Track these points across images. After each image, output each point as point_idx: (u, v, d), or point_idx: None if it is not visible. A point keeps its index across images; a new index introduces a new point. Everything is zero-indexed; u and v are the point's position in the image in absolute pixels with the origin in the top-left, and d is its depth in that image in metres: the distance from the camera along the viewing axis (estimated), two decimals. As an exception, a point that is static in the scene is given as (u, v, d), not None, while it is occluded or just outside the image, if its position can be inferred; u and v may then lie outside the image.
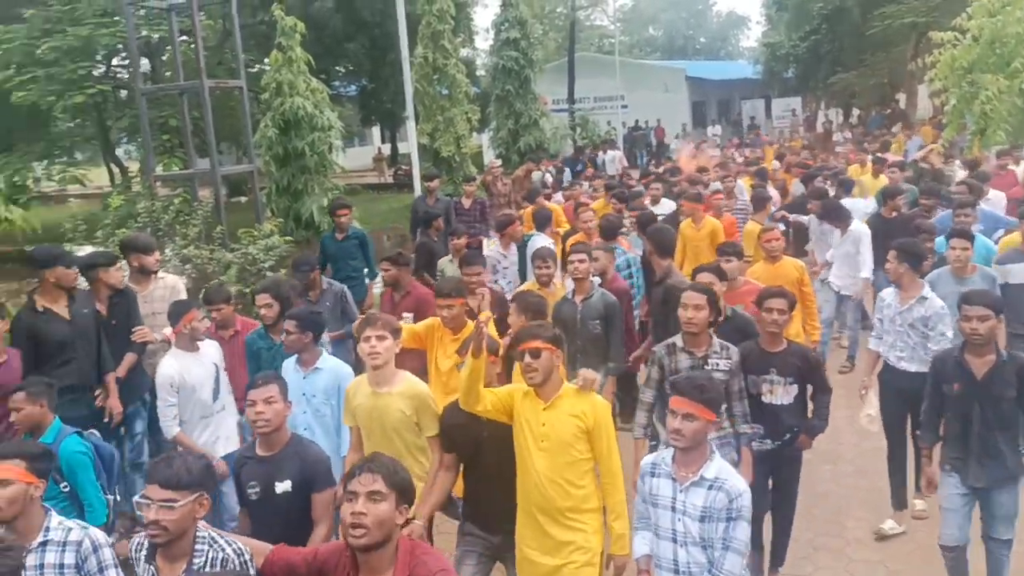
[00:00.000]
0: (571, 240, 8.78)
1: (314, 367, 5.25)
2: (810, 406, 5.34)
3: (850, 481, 7.00)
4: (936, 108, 23.15)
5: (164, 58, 25.32)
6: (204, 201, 11.23)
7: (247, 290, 8.60)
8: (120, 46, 22.31)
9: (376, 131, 44.28)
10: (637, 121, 35.72)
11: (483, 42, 38.46)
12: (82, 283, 6.26)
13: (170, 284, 6.76)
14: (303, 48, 13.37)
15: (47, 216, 14.24)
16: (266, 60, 14.03)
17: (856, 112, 36.09)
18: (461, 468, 4.54)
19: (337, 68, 31.19)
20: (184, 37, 20.90)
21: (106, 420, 6.01)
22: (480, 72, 32.15)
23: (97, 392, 6.02)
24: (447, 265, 8.51)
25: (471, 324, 5.54)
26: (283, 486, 4.00)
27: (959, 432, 4.78)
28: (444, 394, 5.28)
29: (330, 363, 5.32)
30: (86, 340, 5.93)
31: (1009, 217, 8.81)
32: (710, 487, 3.65)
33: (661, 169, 16.41)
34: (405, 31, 14.43)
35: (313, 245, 14.05)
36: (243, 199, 21.71)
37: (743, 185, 12.43)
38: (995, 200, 9.73)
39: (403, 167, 30.09)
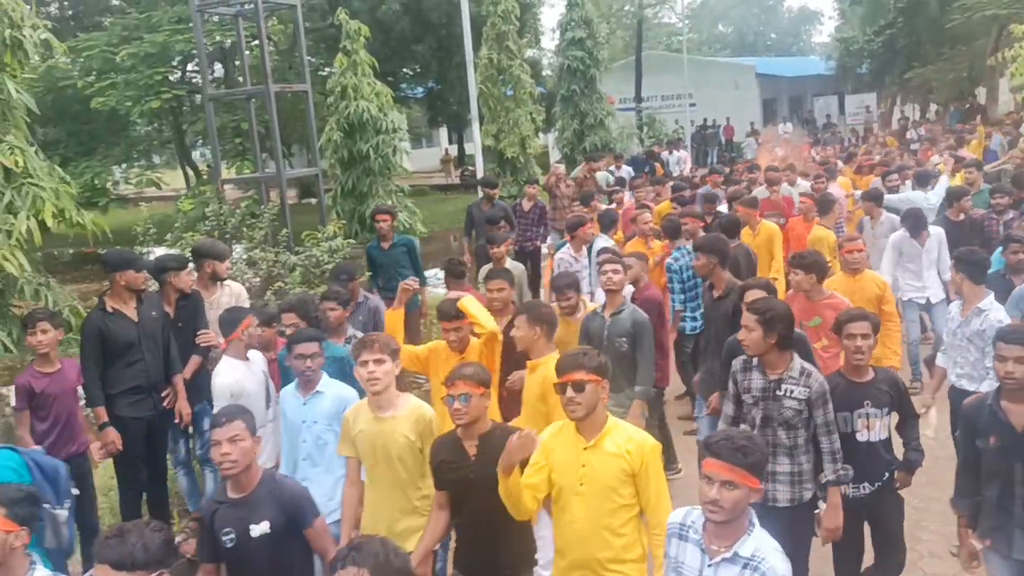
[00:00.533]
0: (628, 247, 8.48)
1: (315, 391, 4.91)
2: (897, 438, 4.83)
3: (924, 492, 6.76)
4: (1018, 104, 22.35)
5: (237, 63, 25.90)
6: (271, 204, 11.41)
7: (311, 292, 8.69)
8: (194, 52, 22.88)
9: (443, 132, 44.62)
10: (705, 120, 35.27)
11: (549, 42, 38.41)
12: (154, 286, 6.40)
13: (235, 291, 6.82)
14: (369, 51, 13.52)
15: (124, 218, 14.71)
16: (334, 63, 14.26)
17: (934, 108, 35.07)
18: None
19: (405, 70, 31.57)
20: (255, 42, 21.40)
21: (176, 421, 6.14)
22: (546, 72, 32.15)
23: (165, 393, 6.13)
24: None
25: (476, 343, 5.36)
26: (260, 528, 3.72)
27: (998, 496, 4.08)
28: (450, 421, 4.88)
29: (333, 387, 4.98)
30: (153, 342, 6.03)
31: None
32: (744, 566, 3.00)
33: (728, 169, 16.05)
34: (470, 32, 14.47)
35: (377, 248, 14.26)
36: (314, 201, 22.09)
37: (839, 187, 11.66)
38: None
39: (470, 168, 30.23)
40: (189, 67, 26.95)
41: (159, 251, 11.52)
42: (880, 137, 24.40)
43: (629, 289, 6.60)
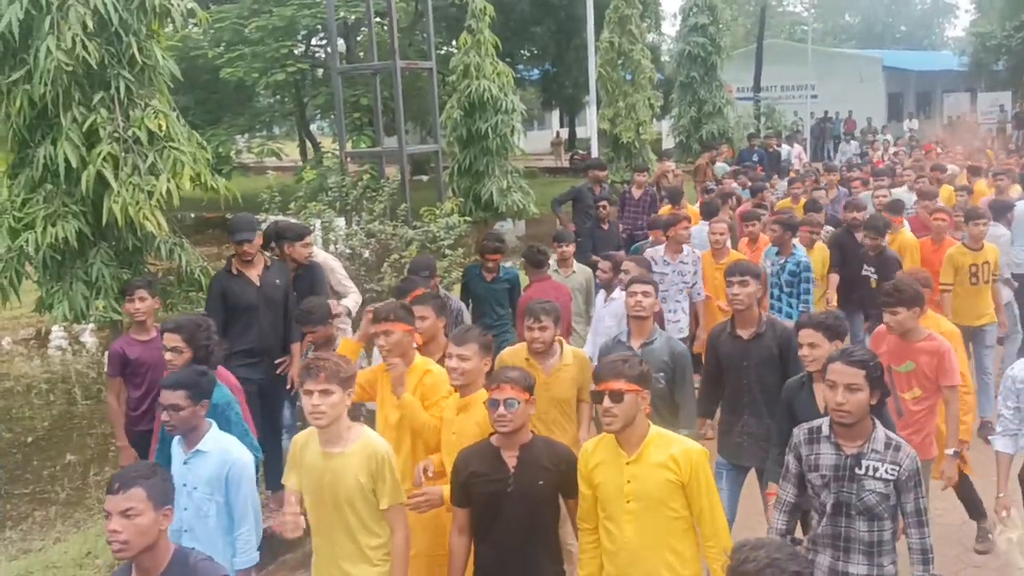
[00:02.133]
0: (729, 257, 7.58)
1: (196, 448, 3.98)
2: None
3: None
4: None
5: (359, 39, 26.40)
6: (391, 178, 11.60)
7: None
8: (319, 27, 23.41)
9: (555, 115, 44.53)
10: (826, 112, 34.19)
11: (670, 27, 37.84)
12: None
13: (320, 260, 6.84)
14: (491, 31, 13.57)
15: (246, 186, 15.22)
16: (454, 42, 14.37)
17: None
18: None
19: (522, 52, 31.61)
20: (378, 19, 21.74)
21: (288, 387, 6.24)
22: (665, 58, 31.69)
23: (280, 360, 6.25)
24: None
25: (417, 366, 4.54)
26: None
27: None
28: (399, 455, 4.27)
29: (218, 443, 4.01)
30: (272, 308, 6.14)
31: None
32: None
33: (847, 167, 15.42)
34: (592, 15, 14.39)
35: (491, 225, 14.36)
36: (424, 178, 22.39)
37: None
38: None
39: (580, 152, 30.12)
40: (313, 41, 27.56)
41: (283, 219, 11.96)
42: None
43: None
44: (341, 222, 10.71)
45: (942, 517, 5.71)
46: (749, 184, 11.82)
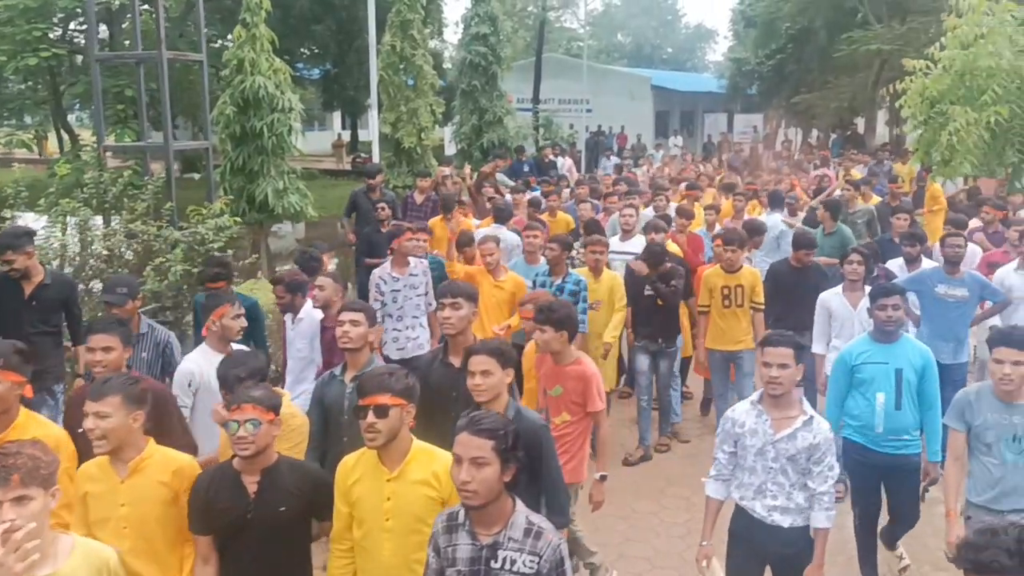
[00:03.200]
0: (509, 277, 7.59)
1: None
2: None
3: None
4: (893, 136, 23.47)
5: (124, 26, 24.72)
6: (155, 176, 10.89)
7: (194, 270, 8.32)
8: (79, 10, 21.69)
9: (337, 116, 43.80)
10: (600, 126, 35.76)
11: (452, 35, 38.23)
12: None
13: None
14: (268, 26, 13.09)
15: (-11, 179, 13.77)
16: (229, 36, 13.71)
17: (816, 134, 36.54)
18: None
19: (302, 50, 30.80)
20: (145, 6, 20.44)
21: None
22: (447, 65, 31.93)
23: None
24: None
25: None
26: None
27: None
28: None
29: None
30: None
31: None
32: None
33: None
34: (374, 17, 14.18)
35: (260, 230, 13.83)
36: (196, 176, 21.26)
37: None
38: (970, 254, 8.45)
39: (362, 155, 29.74)
40: (72, 25, 25.50)
41: (30, 217, 10.90)
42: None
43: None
44: (99, 221, 9.92)
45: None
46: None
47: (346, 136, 38.68)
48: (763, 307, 7.57)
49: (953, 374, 7.01)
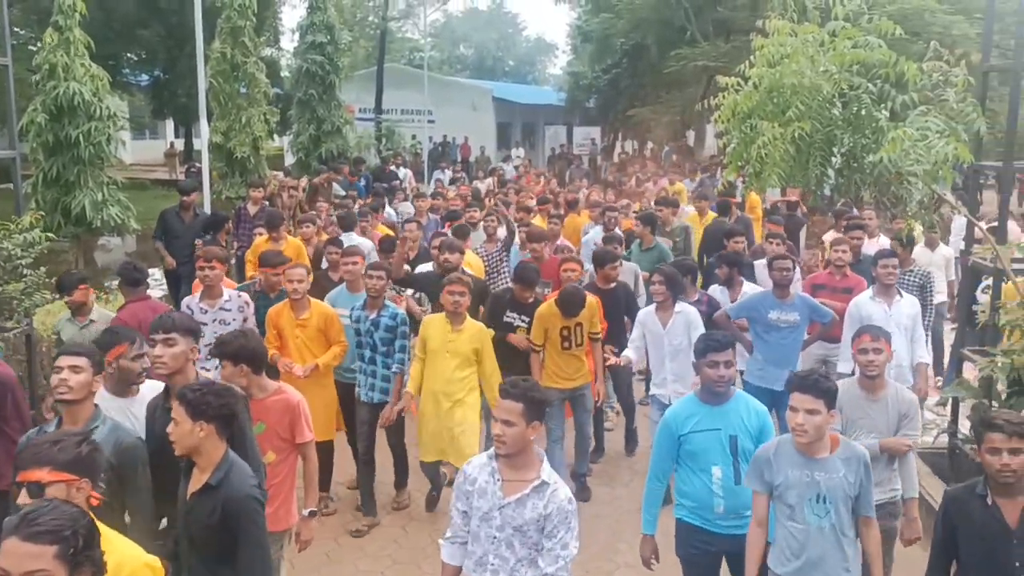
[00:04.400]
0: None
1: None
2: None
3: (624, 505, 7.16)
4: (720, 149, 24.58)
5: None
6: (-46, 187, 10.09)
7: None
8: None
9: (170, 124, 42.01)
10: (445, 136, 35.86)
11: (289, 43, 37.39)
12: None
13: None
14: (87, 30, 12.44)
15: None
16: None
17: (650, 146, 37.90)
18: None
19: (128, 55, 29.32)
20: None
21: None
22: (284, 74, 31.20)
23: None
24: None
25: None
26: None
27: None
28: None
29: None
30: None
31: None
32: None
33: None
34: (201, 23, 13.66)
35: (86, 244, 13.07)
36: (10, 186, 19.82)
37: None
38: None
39: (196, 165, 28.63)
40: None
41: None
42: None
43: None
44: None
45: None
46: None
47: (180, 145, 37.13)
48: (599, 336, 7.12)
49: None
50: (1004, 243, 6.48)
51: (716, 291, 7.94)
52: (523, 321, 7.06)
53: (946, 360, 9.54)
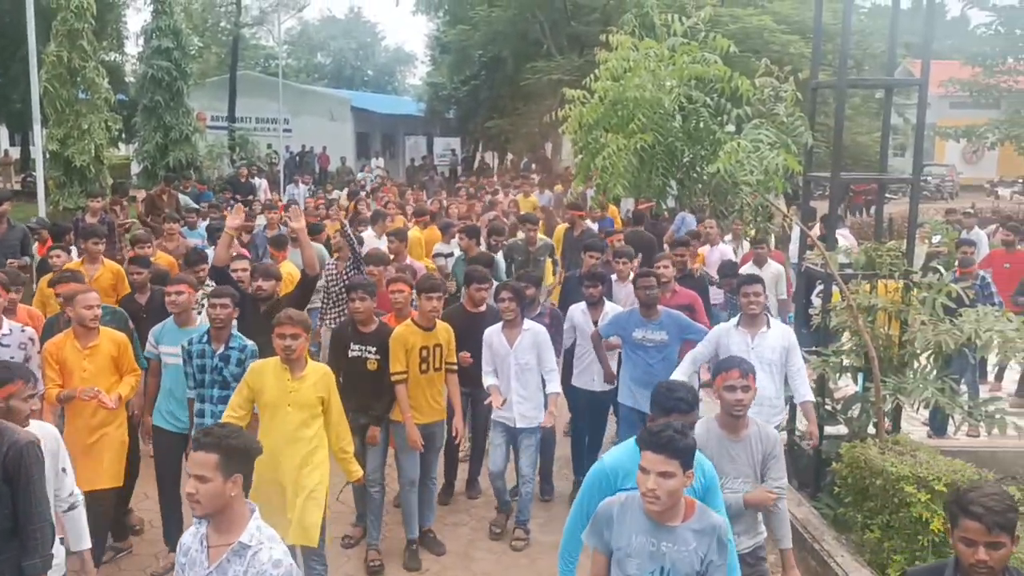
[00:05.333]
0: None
1: None
2: None
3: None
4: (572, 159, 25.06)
5: None
6: None
7: None
8: None
9: (3, 132, 39.56)
10: (303, 146, 35.19)
11: (135, 48, 35.89)
12: None
13: None
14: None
15: None
16: None
17: (510, 156, 38.32)
18: None
19: (-45, 57, 27.45)
20: None
21: None
22: (129, 79, 29.90)
23: None
24: None
25: None
26: None
27: None
28: None
29: None
30: None
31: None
32: None
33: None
34: (33, 24, 12.97)
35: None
36: None
37: None
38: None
39: (33, 173, 27.08)
40: None
41: None
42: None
43: None
44: None
45: None
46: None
47: (15, 153, 35.01)
48: (455, 367, 6.49)
49: None
50: (833, 250, 6.86)
51: (577, 310, 7.35)
52: (370, 352, 6.20)
53: None
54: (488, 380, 6.49)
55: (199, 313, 6.59)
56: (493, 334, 6.50)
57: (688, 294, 7.74)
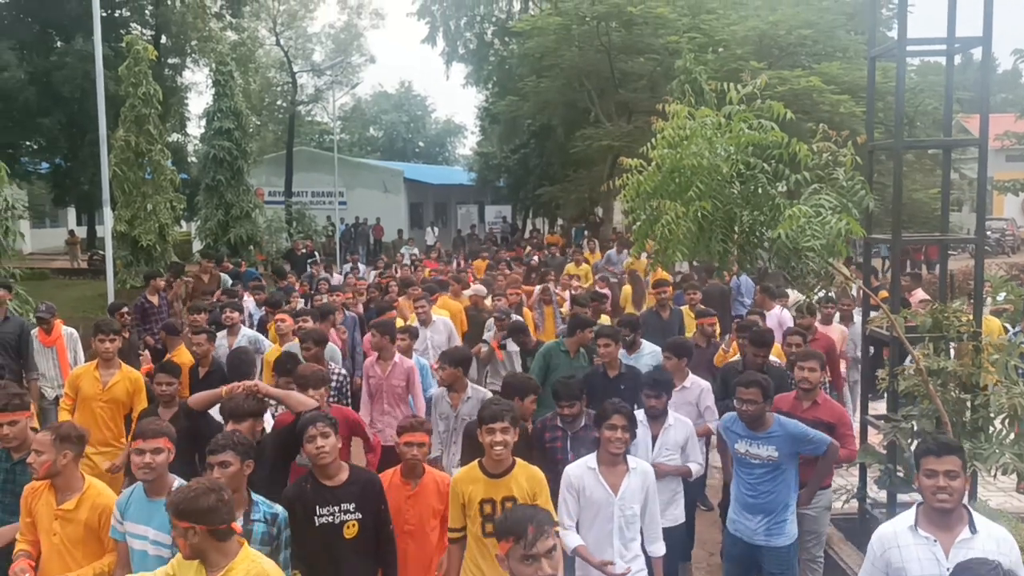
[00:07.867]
0: None
1: None
2: None
3: None
4: (626, 225, 25.07)
5: None
6: None
7: None
8: None
9: (71, 212, 40.97)
10: (357, 218, 35.87)
11: (196, 129, 37.15)
12: None
13: None
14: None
15: None
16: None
17: (560, 223, 38.58)
18: None
19: (28, 143, 28.64)
20: None
21: None
22: (192, 159, 30.92)
23: None
24: None
25: None
26: None
27: None
28: None
29: None
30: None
31: None
32: None
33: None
34: (103, 111, 13.50)
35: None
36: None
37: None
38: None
39: (99, 252, 27.93)
40: None
41: None
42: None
43: None
44: None
45: None
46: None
47: (81, 232, 36.19)
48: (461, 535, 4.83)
49: (771, 561, 5.37)
50: (898, 312, 6.76)
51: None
52: (349, 512, 4.53)
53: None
54: (570, 539, 4.68)
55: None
56: (583, 473, 4.78)
57: (835, 410, 6.32)
